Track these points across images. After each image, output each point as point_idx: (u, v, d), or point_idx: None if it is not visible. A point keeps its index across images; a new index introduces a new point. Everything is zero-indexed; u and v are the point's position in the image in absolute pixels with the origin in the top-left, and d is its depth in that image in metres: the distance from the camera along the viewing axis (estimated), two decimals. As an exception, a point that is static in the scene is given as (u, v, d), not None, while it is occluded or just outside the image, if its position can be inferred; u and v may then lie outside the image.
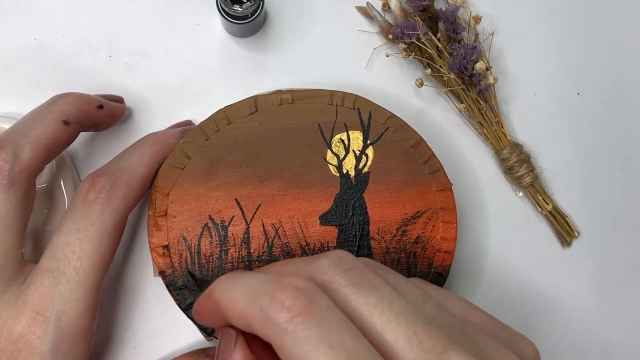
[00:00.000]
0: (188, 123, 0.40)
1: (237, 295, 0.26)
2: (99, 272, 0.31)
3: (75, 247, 0.31)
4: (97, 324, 0.36)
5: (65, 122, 0.33)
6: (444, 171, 0.37)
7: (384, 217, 0.36)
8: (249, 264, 0.35)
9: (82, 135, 0.40)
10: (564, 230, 0.41)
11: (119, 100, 0.39)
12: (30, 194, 0.32)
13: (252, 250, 0.35)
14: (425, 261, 0.36)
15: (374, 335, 0.24)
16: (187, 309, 0.34)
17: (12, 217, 0.31)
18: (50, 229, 0.37)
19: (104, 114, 0.36)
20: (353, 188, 0.36)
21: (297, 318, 0.23)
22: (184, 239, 0.35)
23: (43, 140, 0.32)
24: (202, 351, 0.36)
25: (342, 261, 0.26)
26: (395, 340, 0.24)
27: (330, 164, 0.36)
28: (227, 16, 0.38)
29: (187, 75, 0.41)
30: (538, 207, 0.41)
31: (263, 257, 0.35)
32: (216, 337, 0.34)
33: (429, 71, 0.40)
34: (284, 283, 0.24)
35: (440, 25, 0.40)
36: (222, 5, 0.38)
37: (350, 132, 0.37)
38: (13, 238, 0.31)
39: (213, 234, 0.35)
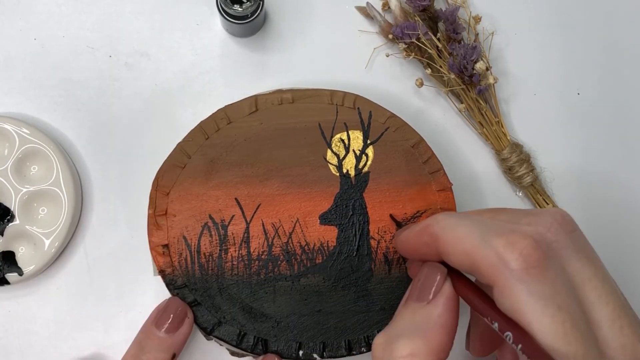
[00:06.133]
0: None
1: (464, 232, 0.26)
2: None
3: None
4: (96, 325, 0.36)
5: None
6: (444, 171, 0.37)
7: (384, 216, 0.36)
8: (249, 263, 0.35)
9: (82, 135, 0.40)
10: (564, 230, 0.41)
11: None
12: None
13: (252, 250, 0.35)
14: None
15: (583, 306, 0.24)
16: (187, 308, 0.34)
17: None
18: (49, 230, 0.37)
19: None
20: (353, 187, 0.36)
21: (534, 270, 0.23)
22: (184, 238, 0.35)
23: None
24: None
25: (564, 220, 0.26)
26: (600, 318, 0.24)
27: (331, 164, 0.36)
28: (227, 16, 0.38)
29: (188, 75, 0.41)
30: (538, 207, 0.41)
31: (263, 257, 0.35)
32: (216, 337, 0.34)
33: (429, 71, 0.40)
34: (521, 230, 0.24)
35: (440, 25, 0.40)
36: (222, 5, 0.38)
37: (350, 132, 0.37)
38: None
39: (213, 233, 0.35)
